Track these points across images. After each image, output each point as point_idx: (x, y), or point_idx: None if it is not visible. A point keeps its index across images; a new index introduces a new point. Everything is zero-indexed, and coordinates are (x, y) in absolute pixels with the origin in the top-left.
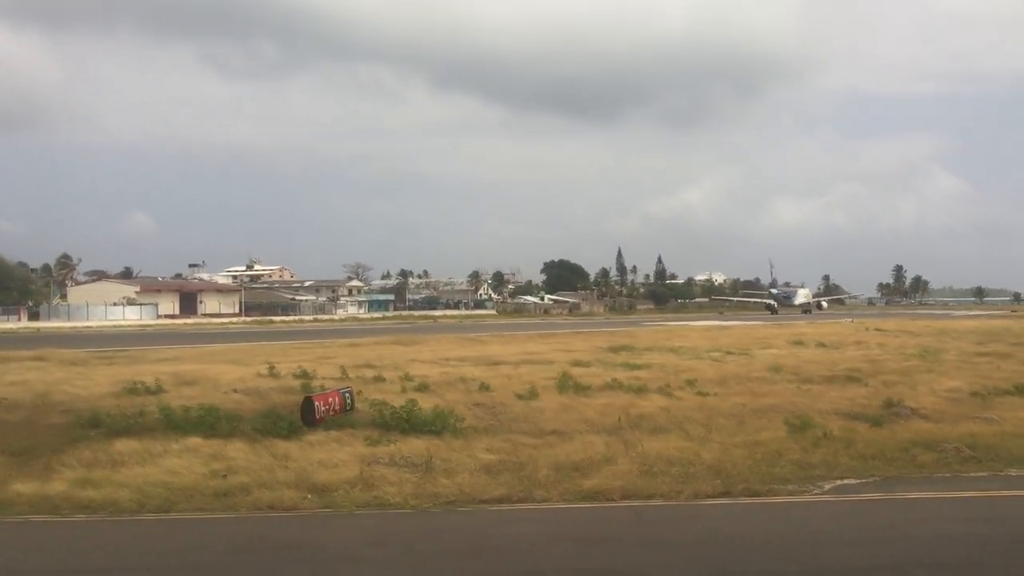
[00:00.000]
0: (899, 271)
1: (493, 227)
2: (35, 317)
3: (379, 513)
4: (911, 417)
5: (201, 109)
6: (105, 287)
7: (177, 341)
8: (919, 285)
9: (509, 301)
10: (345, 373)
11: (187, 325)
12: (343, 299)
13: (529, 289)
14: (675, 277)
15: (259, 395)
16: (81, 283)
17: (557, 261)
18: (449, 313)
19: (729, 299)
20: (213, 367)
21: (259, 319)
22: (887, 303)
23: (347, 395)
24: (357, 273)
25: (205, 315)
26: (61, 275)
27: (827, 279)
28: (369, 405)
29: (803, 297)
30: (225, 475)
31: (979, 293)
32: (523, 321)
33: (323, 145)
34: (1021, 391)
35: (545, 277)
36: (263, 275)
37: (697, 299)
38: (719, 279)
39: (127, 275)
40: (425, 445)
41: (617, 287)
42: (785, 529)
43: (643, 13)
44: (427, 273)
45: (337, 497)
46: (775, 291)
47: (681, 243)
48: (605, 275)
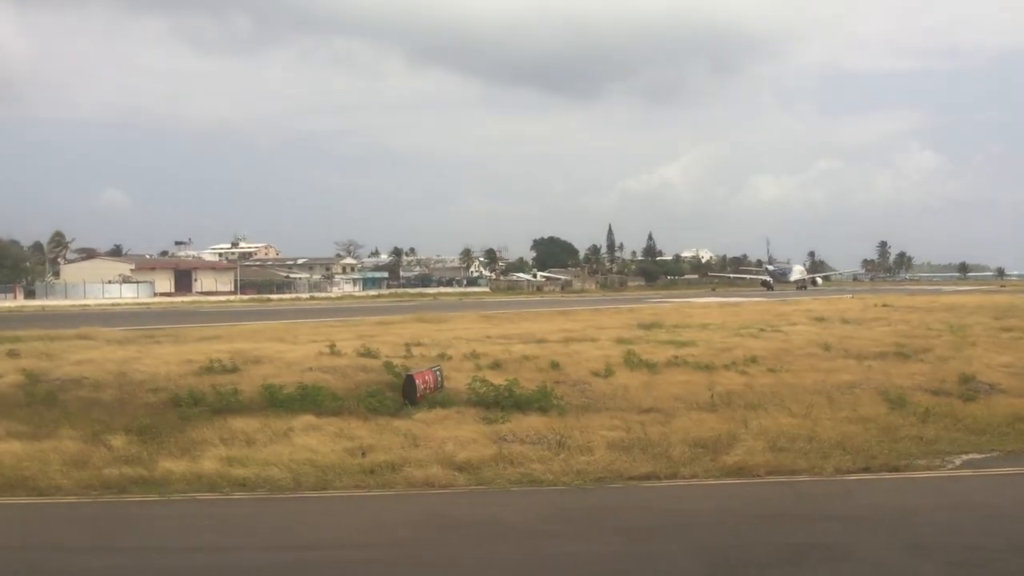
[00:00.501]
0: (883, 247)
1: (473, 203)
2: (31, 295)
3: (536, 490)
4: (991, 392)
5: (175, 84)
6: (99, 265)
7: (193, 320)
8: (903, 261)
9: (502, 279)
10: (409, 351)
11: (185, 303)
12: (337, 277)
13: (521, 266)
14: (661, 254)
15: (339, 373)
16: (71, 261)
17: (547, 238)
18: (444, 291)
19: (726, 276)
20: (265, 345)
21: (256, 297)
22: (871, 279)
23: (438, 373)
24: (349, 250)
25: (200, 293)
26: (54, 253)
27: (812, 255)
28: (465, 383)
29: (798, 274)
30: (364, 453)
31: (963, 269)
32: (523, 299)
33: (298, 120)
34: None
35: (535, 254)
36: (250, 252)
37: (686, 276)
38: (706, 256)
39: (116, 253)
40: (541, 423)
41: (608, 264)
42: (953, 503)
43: None
44: (414, 251)
45: (486, 474)
46: (771, 268)
47: (663, 219)
48: (595, 252)
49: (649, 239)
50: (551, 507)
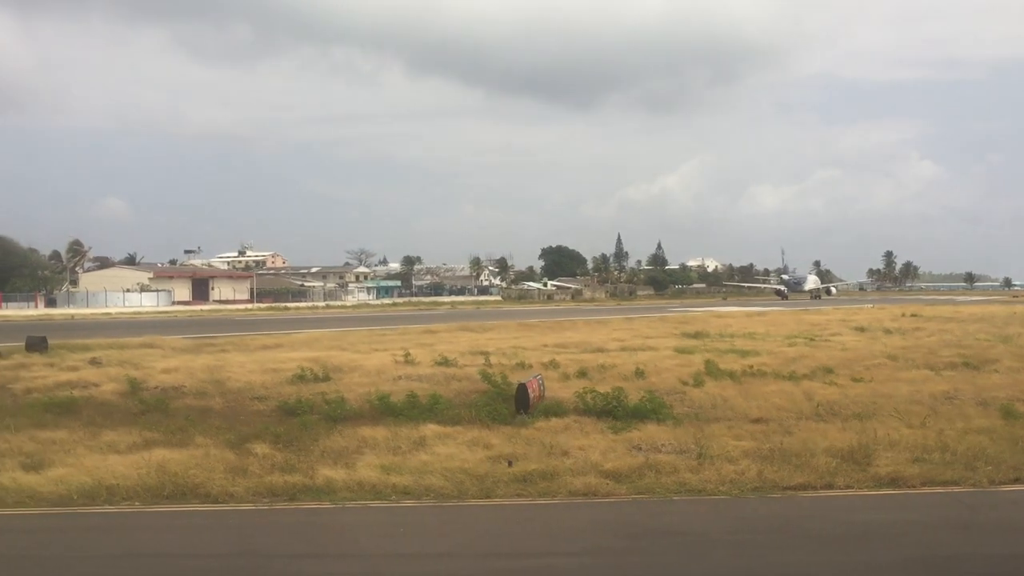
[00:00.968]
0: (889, 257)
1: (473, 211)
2: (52, 304)
3: (700, 499)
4: None
5: (176, 93)
6: (118, 273)
7: (234, 329)
8: (909, 271)
9: (513, 288)
10: (488, 360)
11: (207, 312)
12: (351, 285)
13: (531, 275)
14: (666, 263)
15: (431, 382)
16: (89, 270)
17: (555, 247)
18: (457, 299)
19: (740, 285)
20: (333, 354)
21: (274, 306)
22: (878, 288)
23: (541, 382)
24: (360, 259)
25: (217, 301)
26: (72, 261)
27: (818, 264)
28: (563, 392)
29: (812, 283)
30: (510, 462)
31: (969, 279)
32: (539, 308)
33: (300, 129)
34: None
35: (543, 263)
36: (262, 261)
37: (694, 285)
38: (711, 265)
39: (131, 261)
40: (665, 432)
41: (616, 273)
42: None
43: None
44: (420, 259)
45: (642, 483)
46: (786, 277)
47: (664, 229)
48: (605, 261)
49: (658, 248)
50: (728, 517)
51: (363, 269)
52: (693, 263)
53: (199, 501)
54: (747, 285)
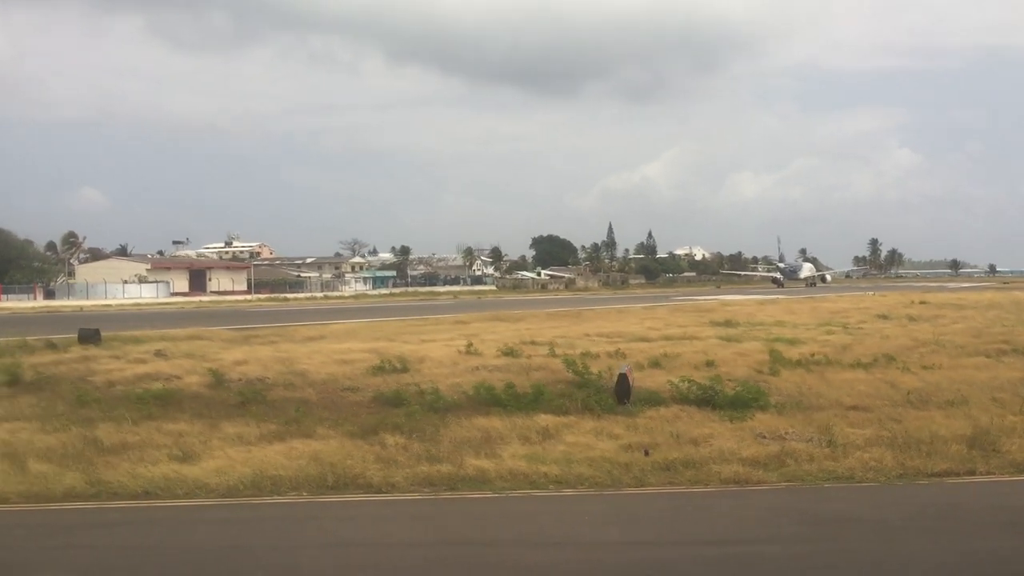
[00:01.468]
0: (875, 244)
1: (457, 201)
2: (51, 296)
3: (852, 487)
4: None
5: (155, 83)
6: (114, 265)
7: (254, 320)
8: (894, 258)
9: (507, 277)
10: (552, 350)
11: (209, 303)
12: (347, 276)
13: (524, 265)
14: (655, 252)
15: (511, 372)
16: (84, 261)
17: (546, 236)
18: (454, 289)
19: (736, 273)
20: (392, 345)
21: (272, 296)
22: (864, 276)
23: (631, 372)
24: (354, 249)
25: (215, 292)
26: (68, 253)
27: (804, 252)
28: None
29: (808, 271)
30: (647, 451)
31: (954, 265)
32: (539, 296)
33: (281, 119)
34: None
35: (534, 252)
36: (250, 252)
37: (685, 273)
38: (699, 253)
39: (123, 252)
40: (776, 421)
41: (608, 262)
42: None
43: None
44: (409, 249)
45: (787, 472)
46: (783, 265)
47: (647, 216)
48: (597, 250)
49: (649, 237)
50: (892, 503)
51: (357, 259)
52: (681, 251)
53: (362, 492)
54: (740, 273)
